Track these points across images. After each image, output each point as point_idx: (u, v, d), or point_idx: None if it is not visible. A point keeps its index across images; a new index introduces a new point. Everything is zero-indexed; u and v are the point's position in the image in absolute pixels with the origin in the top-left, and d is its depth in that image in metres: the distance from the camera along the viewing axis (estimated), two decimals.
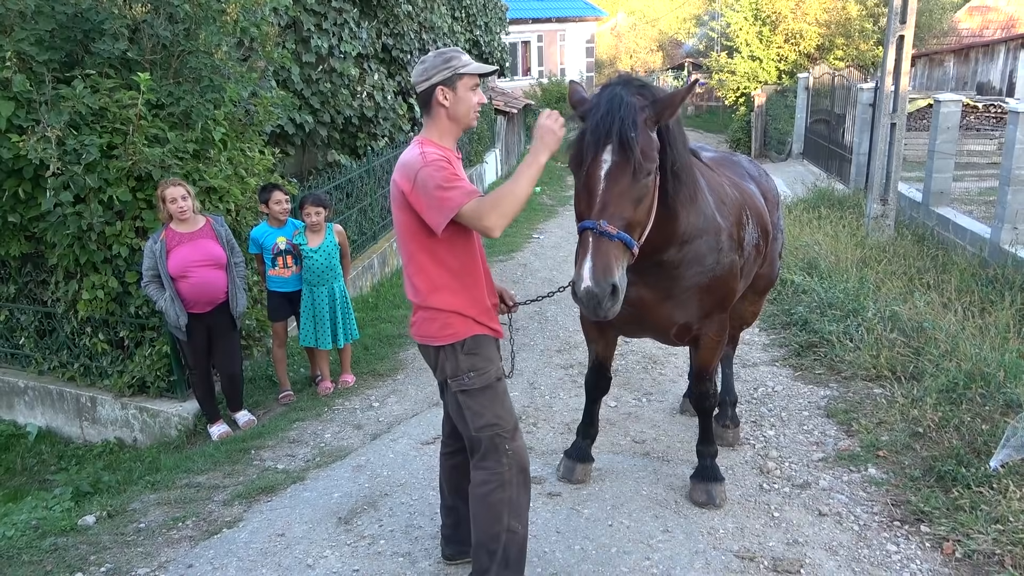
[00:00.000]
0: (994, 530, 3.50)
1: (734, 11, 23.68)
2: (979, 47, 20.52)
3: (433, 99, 2.84)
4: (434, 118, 2.89)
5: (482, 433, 2.94)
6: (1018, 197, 8.06)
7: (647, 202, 2.88)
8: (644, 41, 41.33)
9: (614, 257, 2.71)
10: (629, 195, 2.78)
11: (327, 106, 9.05)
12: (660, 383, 5.68)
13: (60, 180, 5.17)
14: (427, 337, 2.97)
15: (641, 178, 2.79)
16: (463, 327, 2.92)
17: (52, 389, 6.36)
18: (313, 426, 5.38)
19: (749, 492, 4.07)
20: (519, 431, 3.05)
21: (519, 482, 3.00)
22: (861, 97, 13.20)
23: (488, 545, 2.97)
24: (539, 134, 2.78)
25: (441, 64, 2.82)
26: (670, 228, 3.22)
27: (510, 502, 2.97)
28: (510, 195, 2.70)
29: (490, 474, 2.96)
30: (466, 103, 2.88)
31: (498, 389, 3.00)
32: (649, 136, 2.85)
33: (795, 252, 8.30)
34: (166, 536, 3.98)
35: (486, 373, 2.96)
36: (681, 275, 3.41)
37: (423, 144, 2.84)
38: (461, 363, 2.93)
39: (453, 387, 2.96)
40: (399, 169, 2.85)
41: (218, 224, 5.34)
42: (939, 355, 5.27)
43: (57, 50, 5.38)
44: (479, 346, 2.95)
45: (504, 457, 2.95)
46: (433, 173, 2.71)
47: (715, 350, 3.76)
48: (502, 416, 2.97)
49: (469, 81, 2.87)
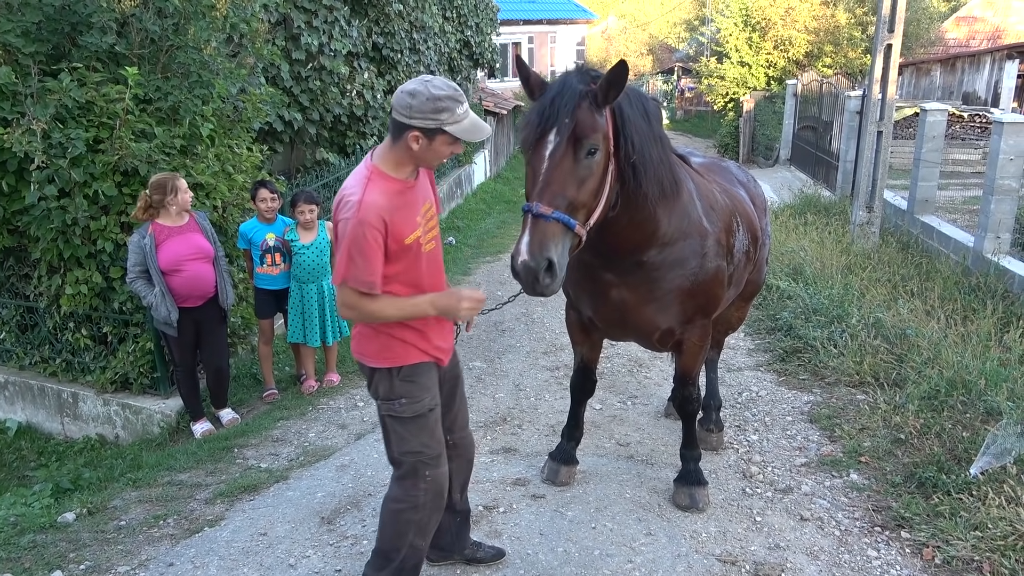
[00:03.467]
0: (973, 536, 3.53)
1: (724, 17, 23.78)
2: (965, 57, 20.73)
3: (405, 137, 2.60)
4: (397, 149, 2.65)
5: (404, 458, 2.88)
6: (1001, 206, 8.14)
7: (591, 184, 2.79)
8: (634, 45, 41.41)
9: (551, 235, 2.69)
10: (570, 176, 2.74)
11: (316, 104, 9.02)
12: (645, 386, 5.70)
13: (45, 173, 5.13)
14: (364, 356, 2.86)
15: (581, 158, 2.76)
16: (402, 353, 2.80)
17: (33, 384, 6.30)
18: (297, 425, 5.36)
19: (732, 496, 4.09)
20: (443, 458, 2.94)
21: (433, 506, 2.95)
22: (848, 104, 13.28)
23: (389, 553, 2.96)
24: (443, 301, 2.72)
25: (430, 112, 2.55)
26: (648, 227, 3.22)
27: (419, 523, 2.93)
28: (381, 314, 2.68)
29: (405, 494, 2.90)
30: (436, 156, 2.68)
31: (429, 419, 2.87)
32: (593, 117, 2.78)
33: (781, 258, 8.35)
34: (147, 534, 3.95)
35: (419, 402, 2.84)
36: (663, 277, 3.39)
37: (371, 179, 2.63)
38: (395, 388, 2.81)
39: (382, 410, 2.88)
40: (341, 194, 2.66)
41: (201, 219, 5.33)
42: (922, 362, 5.32)
43: (44, 42, 5.34)
44: (416, 374, 2.83)
45: (422, 482, 2.88)
46: (350, 236, 2.56)
47: (698, 355, 3.77)
48: (428, 445, 2.87)
49: (450, 139, 2.63)
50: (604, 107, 2.84)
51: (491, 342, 6.79)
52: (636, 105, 3.01)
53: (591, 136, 2.76)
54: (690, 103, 35.45)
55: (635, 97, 3.04)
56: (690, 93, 34.78)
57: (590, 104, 2.79)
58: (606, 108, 2.86)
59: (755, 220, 4.11)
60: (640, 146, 2.97)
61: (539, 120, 2.79)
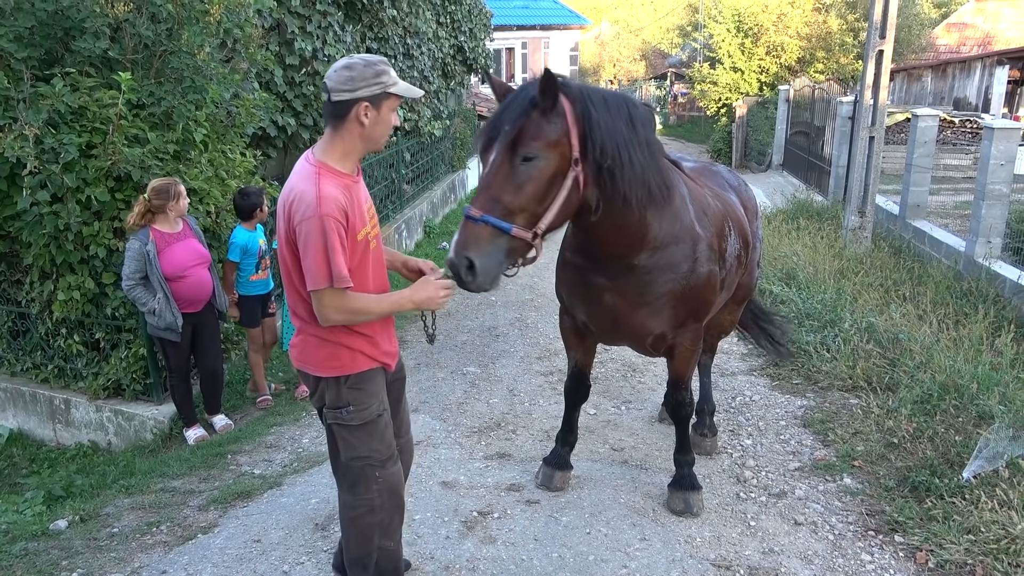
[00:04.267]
0: (966, 540, 3.54)
1: (717, 23, 23.88)
2: (956, 63, 20.88)
3: (351, 113, 2.58)
4: (343, 134, 2.63)
5: (352, 463, 2.87)
6: (992, 211, 8.19)
7: (530, 189, 2.81)
8: (627, 50, 41.56)
9: (475, 238, 2.75)
10: (507, 182, 2.80)
11: (310, 109, 9.00)
12: (639, 391, 5.70)
13: (37, 179, 5.11)
14: (308, 364, 2.81)
15: (517, 164, 2.79)
16: (349, 361, 2.77)
17: (25, 391, 6.27)
18: (291, 431, 5.34)
19: (726, 501, 4.09)
20: (393, 458, 2.93)
21: (391, 505, 2.94)
22: (840, 110, 13.35)
23: (362, 559, 2.97)
24: (417, 293, 2.75)
25: (371, 77, 2.56)
26: (638, 231, 3.24)
27: (380, 524, 2.93)
28: (368, 310, 2.68)
29: (358, 499, 2.89)
30: (386, 125, 2.68)
31: (378, 424, 2.85)
32: (537, 125, 2.80)
33: (774, 262, 8.37)
34: (140, 541, 3.93)
35: (367, 409, 2.81)
36: (654, 281, 3.40)
37: (320, 173, 2.58)
38: (342, 395, 2.79)
39: (329, 419, 2.84)
40: (288, 198, 2.59)
41: (193, 224, 5.37)
42: (914, 366, 5.34)
43: (36, 47, 5.32)
44: (364, 381, 2.81)
45: (374, 484, 2.87)
46: (319, 234, 2.51)
47: (690, 360, 3.77)
48: (377, 449, 2.86)
49: (394, 102, 2.66)
50: (552, 114, 2.84)
51: (485, 347, 6.79)
52: (617, 111, 3.00)
53: (529, 144, 2.79)
54: (683, 108, 35.57)
55: (616, 103, 3.03)
56: (683, 98, 34.90)
57: (540, 113, 2.81)
58: (566, 115, 2.86)
59: (746, 224, 4.13)
60: (615, 151, 2.96)
61: (488, 129, 2.88)
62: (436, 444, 4.80)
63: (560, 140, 2.85)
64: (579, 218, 3.14)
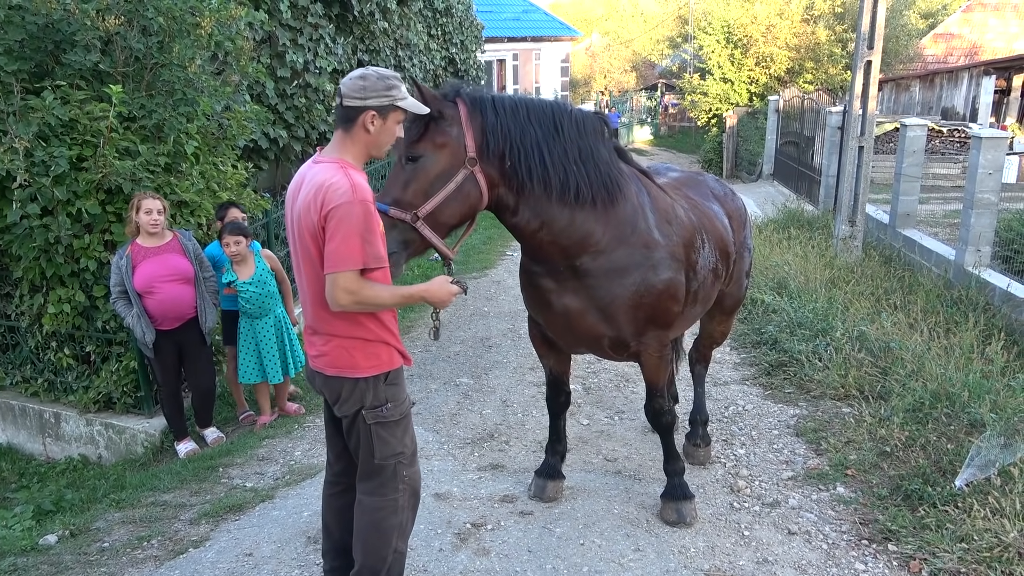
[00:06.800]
0: (959, 548, 3.55)
1: (707, 34, 24.03)
2: (944, 73, 21.03)
3: (360, 120, 2.75)
4: (352, 139, 2.80)
5: (386, 461, 2.92)
6: (981, 220, 8.24)
7: (414, 186, 3.02)
8: (618, 61, 41.71)
9: None
10: (395, 179, 3.06)
11: (301, 121, 9.02)
12: (632, 401, 5.70)
13: (27, 192, 5.09)
14: (346, 369, 2.83)
15: (403, 164, 3.05)
16: (387, 358, 2.88)
17: (14, 404, 6.22)
18: (283, 443, 5.32)
19: (720, 511, 4.09)
20: (416, 456, 3.06)
21: (411, 506, 3.04)
22: (830, 120, 13.43)
23: (375, 566, 2.97)
24: (432, 289, 2.88)
25: (382, 89, 2.74)
26: (573, 233, 3.33)
27: (400, 526, 2.99)
28: (378, 299, 2.73)
29: (385, 500, 2.94)
30: (390, 135, 2.85)
31: (410, 419, 3.01)
32: (420, 131, 3.04)
33: (765, 272, 8.40)
34: (131, 556, 3.90)
35: (403, 403, 2.95)
36: (600, 284, 3.44)
37: (347, 169, 2.72)
38: (381, 393, 2.86)
39: (369, 419, 2.87)
40: (317, 190, 2.67)
41: (185, 239, 5.30)
42: (906, 375, 5.35)
43: (26, 60, 5.31)
44: (399, 377, 2.94)
45: (401, 483, 2.96)
46: (357, 217, 2.63)
47: (658, 367, 3.76)
48: (407, 445, 2.98)
49: (401, 115, 2.84)
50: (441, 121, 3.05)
51: (478, 358, 6.78)
52: (534, 116, 3.20)
53: (412, 147, 3.04)
54: (674, 119, 35.71)
55: (537, 109, 3.24)
56: (674, 109, 35.05)
57: (430, 120, 3.03)
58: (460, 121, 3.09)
59: (726, 236, 4.11)
60: (519, 151, 3.15)
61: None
62: (429, 456, 4.78)
63: (447, 142, 3.07)
64: (500, 217, 3.34)
